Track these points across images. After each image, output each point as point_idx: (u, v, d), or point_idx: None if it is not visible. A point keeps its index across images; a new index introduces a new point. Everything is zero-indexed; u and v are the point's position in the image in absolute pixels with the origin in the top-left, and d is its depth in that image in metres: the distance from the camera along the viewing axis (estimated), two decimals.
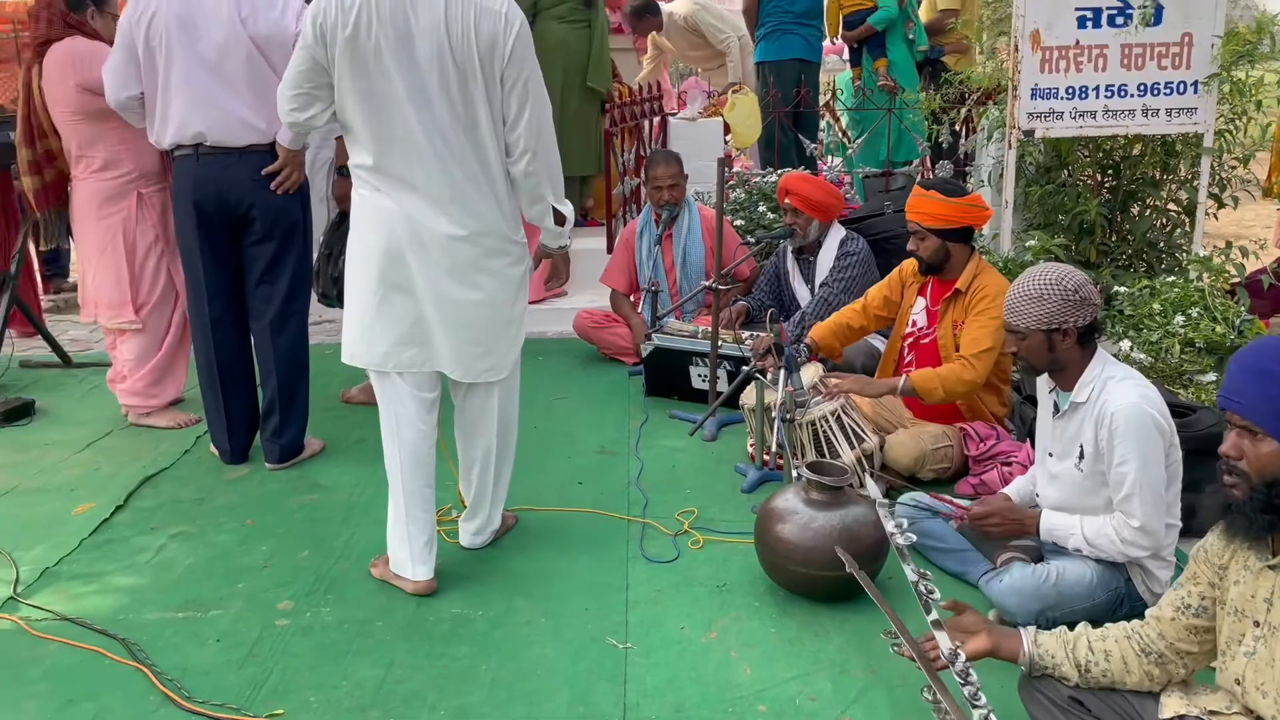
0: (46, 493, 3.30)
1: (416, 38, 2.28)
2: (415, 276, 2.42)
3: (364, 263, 2.44)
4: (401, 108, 2.31)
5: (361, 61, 2.29)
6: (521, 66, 2.37)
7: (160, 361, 3.82)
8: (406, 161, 2.35)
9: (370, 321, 2.45)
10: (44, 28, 3.51)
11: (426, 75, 2.30)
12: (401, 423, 2.52)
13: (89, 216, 3.67)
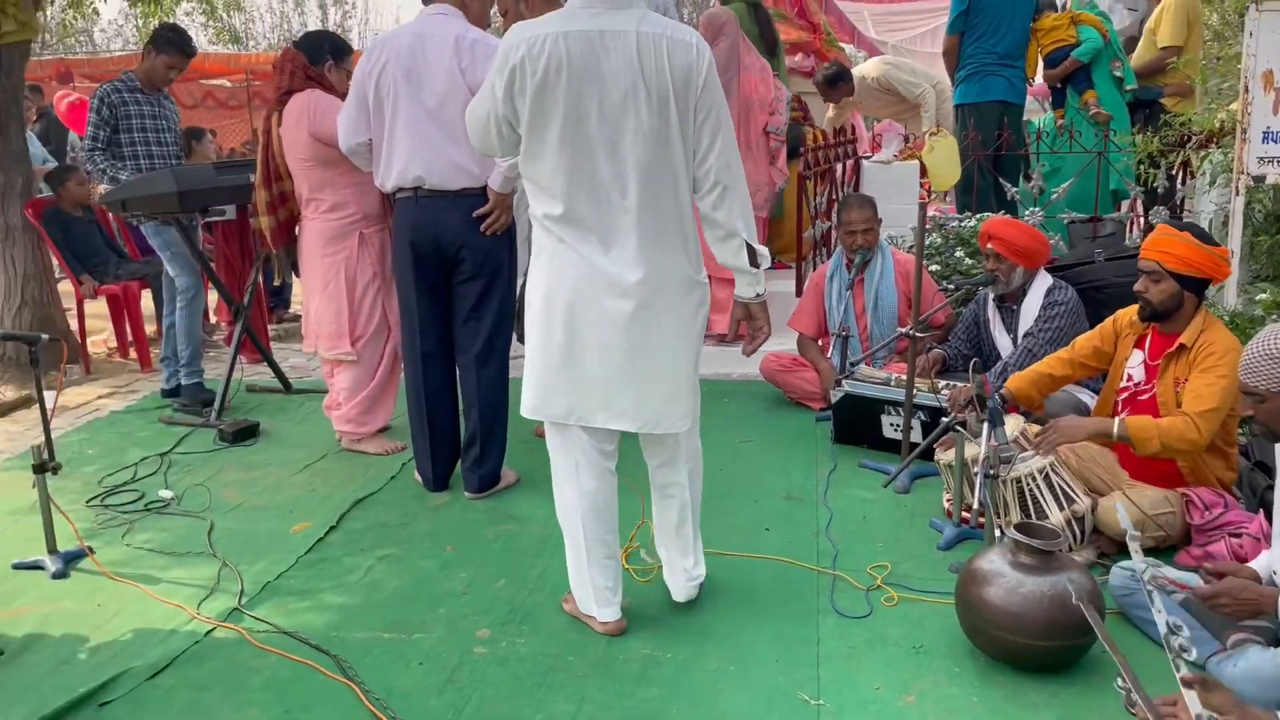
0: (269, 510, 3.54)
1: (608, 79, 2.25)
2: (600, 329, 2.37)
3: (546, 315, 2.42)
4: (594, 152, 2.29)
5: (553, 108, 2.27)
6: (713, 96, 2.34)
7: (372, 391, 4.05)
8: (595, 207, 2.32)
9: (553, 376, 2.43)
10: (286, 79, 3.83)
11: (620, 116, 2.27)
12: (582, 471, 2.51)
13: (315, 254, 3.95)
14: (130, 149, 4.65)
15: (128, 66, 15.59)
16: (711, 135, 2.36)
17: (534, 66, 2.24)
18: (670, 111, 2.29)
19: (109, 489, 3.74)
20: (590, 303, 2.36)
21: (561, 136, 2.28)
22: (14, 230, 5.29)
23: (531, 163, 2.36)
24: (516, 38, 2.28)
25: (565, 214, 2.34)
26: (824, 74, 6.82)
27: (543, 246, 2.43)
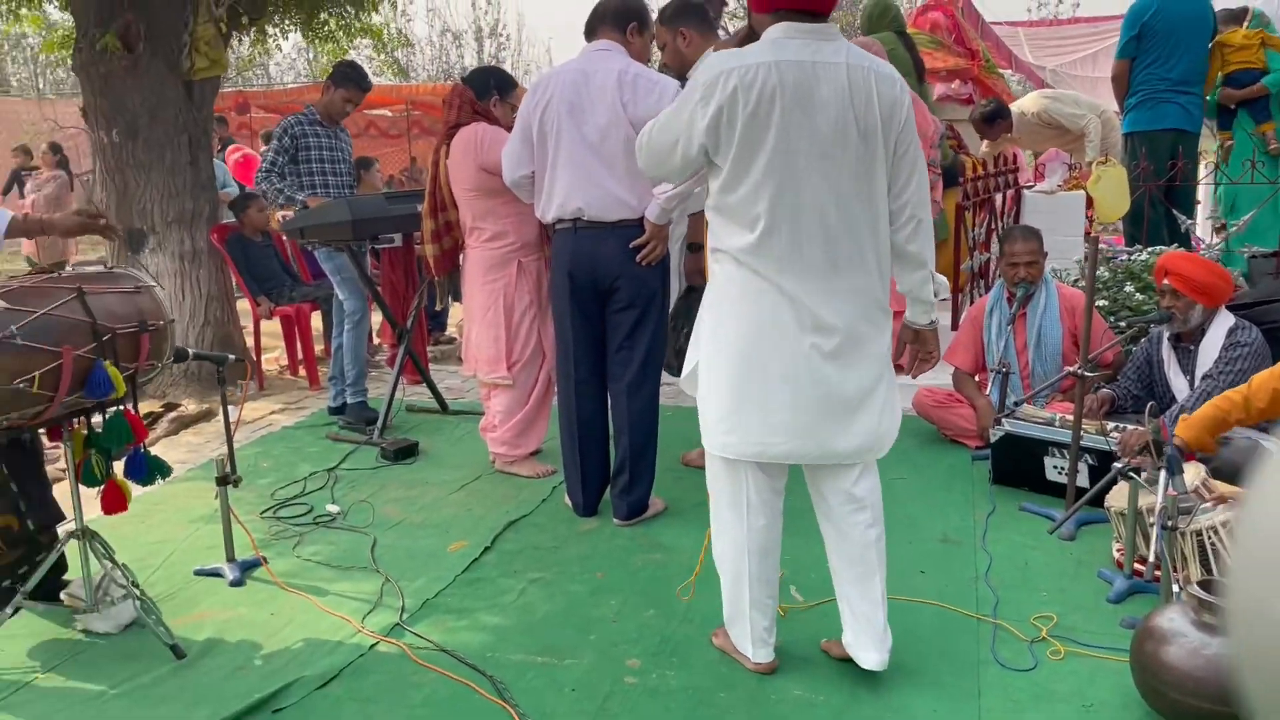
0: (427, 528, 3.67)
1: (820, 110, 2.22)
2: (796, 362, 2.31)
3: (736, 348, 2.35)
4: (801, 183, 2.25)
5: (763, 137, 2.22)
6: (911, 132, 2.34)
7: (526, 415, 4.15)
8: (797, 238, 2.27)
9: (745, 411, 2.36)
10: (455, 113, 3.99)
11: (829, 147, 2.24)
12: (753, 509, 2.47)
13: (476, 281, 4.09)
14: (309, 178, 4.93)
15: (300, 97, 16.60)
16: (909, 169, 2.35)
17: (747, 95, 2.20)
18: (876, 144, 2.27)
19: (280, 502, 3.95)
20: (787, 336, 2.31)
21: (769, 166, 2.24)
22: (200, 253, 5.68)
23: (729, 192, 2.30)
24: (723, 66, 2.24)
25: (764, 245, 2.29)
26: (981, 111, 6.64)
27: (731, 279, 2.36)
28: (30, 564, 2.85)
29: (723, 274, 2.39)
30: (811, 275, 2.29)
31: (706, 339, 2.45)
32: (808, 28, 2.26)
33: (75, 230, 2.95)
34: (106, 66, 5.30)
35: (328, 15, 6.33)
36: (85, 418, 2.80)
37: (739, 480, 2.47)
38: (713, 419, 2.43)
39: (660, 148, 2.42)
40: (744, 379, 2.36)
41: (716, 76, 2.24)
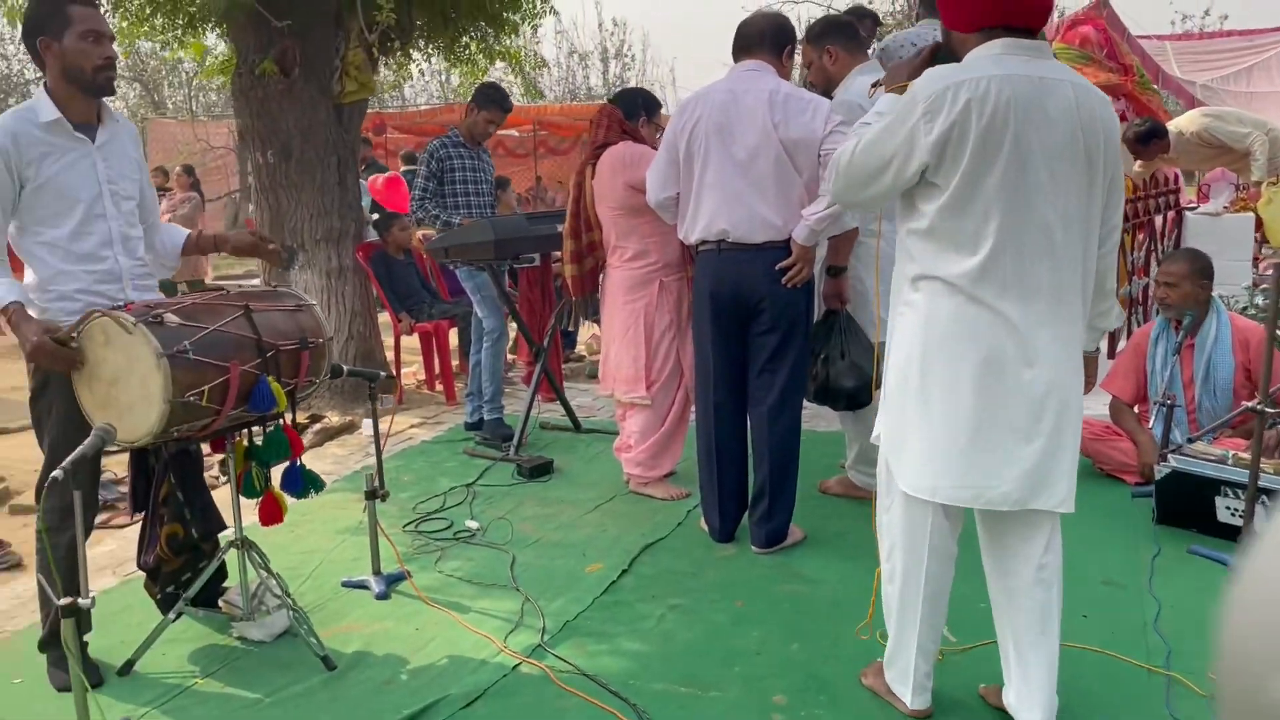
0: (564, 548, 3.67)
1: (1049, 127, 2.12)
2: (1013, 397, 2.17)
3: (950, 384, 2.20)
4: (1031, 201, 2.13)
5: (996, 154, 2.11)
6: (1118, 153, 2.23)
7: (661, 437, 4.12)
8: (1023, 261, 2.13)
9: (960, 453, 2.20)
10: (603, 133, 4.01)
11: (1059, 164, 2.13)
12: (932, 553, 2.35)
13: (617, 301, 4.09)
14: (452, 199, 5.04)
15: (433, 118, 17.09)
16: (1116, 193, 2.25)
17: (981, 109, 2.09)
18: (1098, 164, 2.17)
19: (422, 515, 4.01)
20: (1007, 371, 2.17)
21: (1001, 184, 2.12)
22: (346, 270, 5.86)
23: (952, 213, 2.16)
24: (948, 80, 2.13)
25: (990, 268, 2.15)
26: (1135, 130, 6.32)
27: (940, 308, 2.20)
28: (192, 571, 2.96)
29: (928, 304, 2.23)
30: (1036, 300, 2.15)
31: (906, 374, 2.27)
32: (1027, 44, 2.16)
33: (246, 249, 3.06)
34: (264, 90, 5.54)
35: (469, 39, 6.48)
36: (247, 431, 2.90)
37: (923, 524, 2.34)
38: (917, 460, 2.27)
39: (867, 169, 2.26)
40: (960, 417, 2.19)
41: (942, 90, 2.12)
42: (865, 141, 2.25)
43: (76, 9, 2.66)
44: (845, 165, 2.31)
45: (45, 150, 2.66)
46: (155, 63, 24.45)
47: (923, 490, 2.27)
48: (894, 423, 2.32)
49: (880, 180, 2.24)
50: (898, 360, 2.31)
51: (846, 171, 2.31)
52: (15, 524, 4.34)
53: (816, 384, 3.69)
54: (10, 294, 2.59)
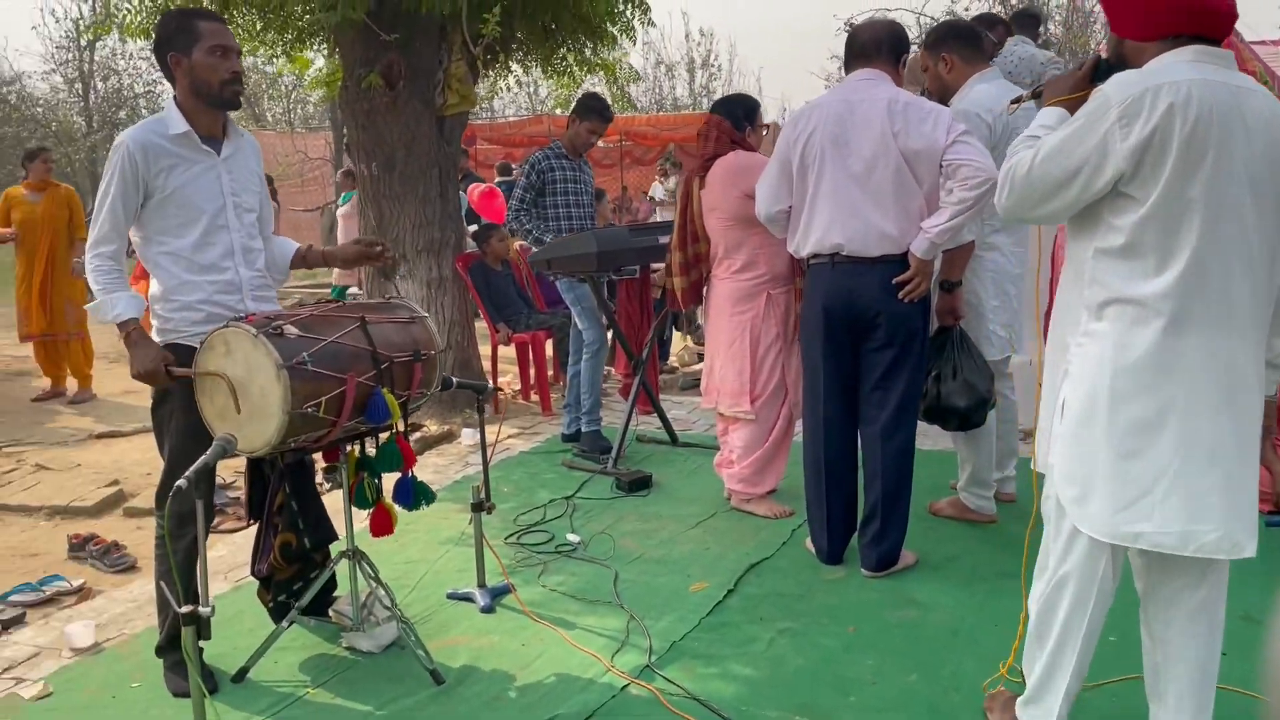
0: (665, 565, 3.61)
1: (1250, 136, 1.98)
2: (1223, 431, 2.00)
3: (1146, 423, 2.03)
4: (1232, 215, 1.99)
5: (1201, 163, 1.97)
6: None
7: (765, 452, 4.04)
8: (1224, 283, 2.00)
9: (1161, 496, 2.03)
10: (712, 145, 3.95)
11: (1260, 175, 2.00)
12: (1099, 599, 2.19)
13: (724, 313, 4.02)
14: (553, 210, 5.04)
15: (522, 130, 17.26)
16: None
17: (1185, 114, 1.95)
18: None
19: (523, 528, 4.00)
20: (1211, 401, 2.01)
21: (1204, 197, 1.98)
22: (445, 280, 5.91)
23: (1153, 229, 2.01)
24: (1146, 84, 1.99)
25: (1188, 291, 2.00)
26: None
27: (1129, 332, 2.05)
28: (304, 580, 2.99)
29: (1119, 334, 2.06)
30: (1237, 328, 2.02)
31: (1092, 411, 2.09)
32: (1217, 53, 2.04)
33: (354, 260, 3.09)
34: (369, 103, 5.63)
35: (567, 51, 6.50)
36: (360, 442, 2.91)
37: (1097, 568, 2.18)
38: (1109, 504, 2.09)
39: (1050, 180, 2.09)
40: (1163, 458, 2.03)
41: (1140, 94, 1.98)
42: (1047, 151, 2.08)
43: (205, 24, 2.71)
44: (1023, 177, 2.13)
45: (173, 162, 2.71)
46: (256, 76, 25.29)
47: (1118, 535, 2.09)
48: (1076, 463, 2.13)
49: (1065, 193, 2.08)
50: (1079, 396, 2.11)
51: (1025, 184, 2.13)
52: (129, 526, 4.46)
53: (927, 402, 3.57)
54: (129, 310, 2.65)
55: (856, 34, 3.40)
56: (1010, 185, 2.16)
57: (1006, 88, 3.56)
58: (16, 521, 4.56)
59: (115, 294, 2.65)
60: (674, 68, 33.48)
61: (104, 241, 2.69)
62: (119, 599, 3.50)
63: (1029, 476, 4.04)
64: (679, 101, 33.37)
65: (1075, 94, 2.17)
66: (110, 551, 4.01)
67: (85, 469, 5.20)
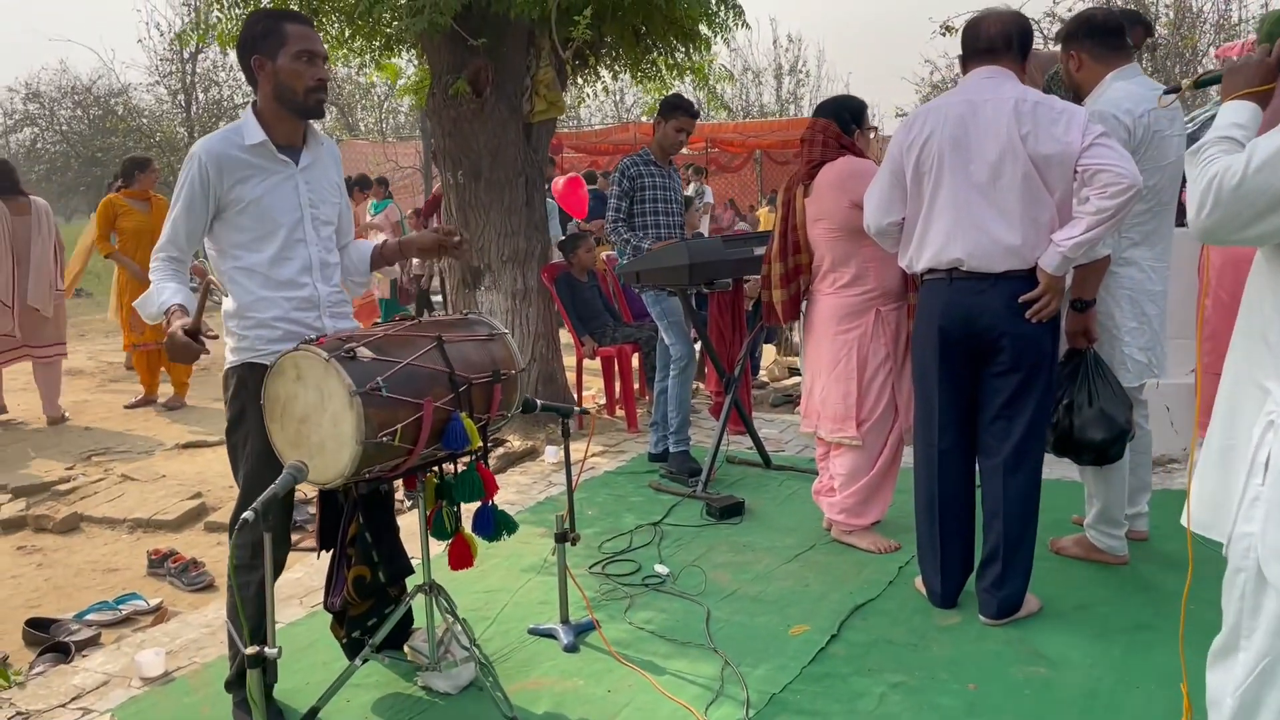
0: (762, 603, 3.34)
1: None
2: None
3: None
4: None
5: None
6: None
7: (871, 481, 3.74)
8: None
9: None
10: (819, 150, 3.68)
11: None
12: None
13: (827, 331, 3.74)
14: (642, 219, 4.83)
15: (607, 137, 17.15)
16: None
17: None
18: None
19: (608, 556, 3.78)
20: None
21: None
22: (531, 291, 5.75)
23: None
24: None
25: None
26: None
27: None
28: (378, 615, 2.81)
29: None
30: None
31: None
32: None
33: (430, 248, 2.89)
34: (456, 110, 5.50)
35: (657, 54, 6.29)
36: (438, 469, 2.72)
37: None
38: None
39: (1273, 192, 1.76)
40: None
41: None
42: (1266, 157, 1.74)
43: (292, 27, 2.56)
44: (1232, 190, 1.79)
45: (248, 173, 2.56)
46: (350, 86, 25.78)
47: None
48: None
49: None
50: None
51: (1234, 199, 1.80)
52: (209, 541, 4.38)
53: (1057, 434, 3.24)
54: (176, 296, 2.49)
55: (979, 27, 3.08)
56: (1215, 200, 1.80)
57: (1149, 86, 3.22)
58: (100, 534, 4.52)
59: (165, 284, 2.52)
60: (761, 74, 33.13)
61: (165, 249, 2.57)
62: (193, 623, 3.38)
63: (1163, 511, 3.68)
64: (765, 108, 32.98)
65: (1265, 85, 1.85)
66: (189, 569, 3.93)
67: (169, 480, 5.17)
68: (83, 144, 26.30)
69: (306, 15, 2.68)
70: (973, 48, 3.07)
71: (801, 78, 34.11)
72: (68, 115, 27.27)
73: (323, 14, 5.53)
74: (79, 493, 4.94)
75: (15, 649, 3.35)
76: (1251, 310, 1.89)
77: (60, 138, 27.11)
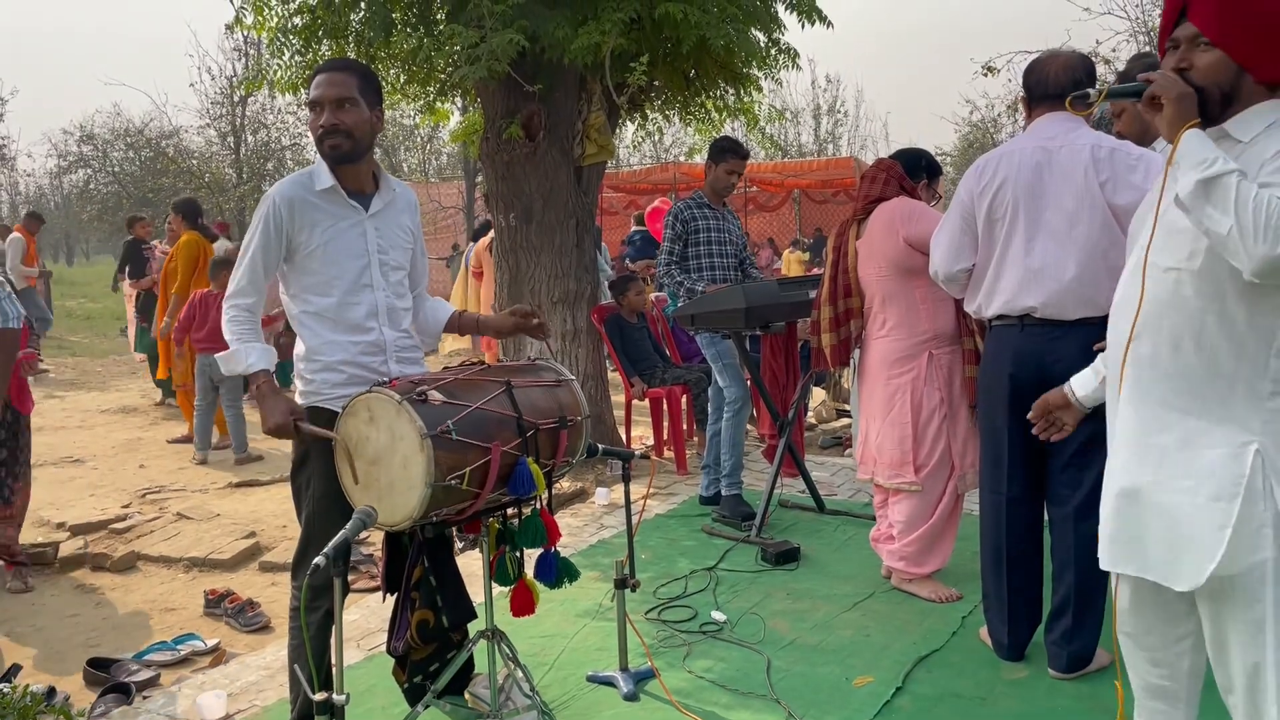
0: (824, 653, 3.28)
1: None
2: None
3: None
4: None
5: None
6: None
7: (931, 529, 3.68)
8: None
9: None
10: (880, 187, 3.67)
11: None
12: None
13: (880, 374, 3.71)
14: (695, 261, 4.84)
15: (647, 178, 17.25)
16: None
17: None
18: None
19: (664, 601, 3.74)
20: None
21: None
22: (580, 333, 5.76)
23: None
24: None
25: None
26: None
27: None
28: (440, 660, 2.79)
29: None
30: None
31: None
32: None
33: (509, 330, 2.92)
34: (509, 154, 5.56)
35: (706, 97, 6.33)
36: (502, 514, 2.72)
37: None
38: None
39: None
40: None
41: None
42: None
43: (316, 78, 2.62)
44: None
45: (318, 217, 2.60)
46: (394, 129, 26.19)
47: None
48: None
49: None
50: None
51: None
52: (264, 581, 4.40)
53: None
54: (262, 361, 2.54)
55: (1045, 71, 3.05)
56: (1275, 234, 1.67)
57: None
58: (157, 573, 4.55)
59: (249, 344, 2.55)
60: (800, 114, 33.30)
61: (241, 294, 2.59)
62: (252, 665, 3.38)
63: None
64: (804, 148, 33.12)
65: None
66: (245, 610, 3.94)
67: (224, 519, 5.20)
68: (134, 184, 26.91)
69: (355, 62, 2.72)
70: (1041, 92, 3.05)
71: (840, 117, 34.28)
72: (120, 156, 27.95)
73: (379, 61, 5.63)
74: (135, 531, 4.99)
75: (76, 689, 3.37)
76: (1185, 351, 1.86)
77: (112, 179, 27.77)
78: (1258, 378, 1.81)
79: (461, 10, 4.89)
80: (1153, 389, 1.92)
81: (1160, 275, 1.90)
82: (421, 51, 5.05)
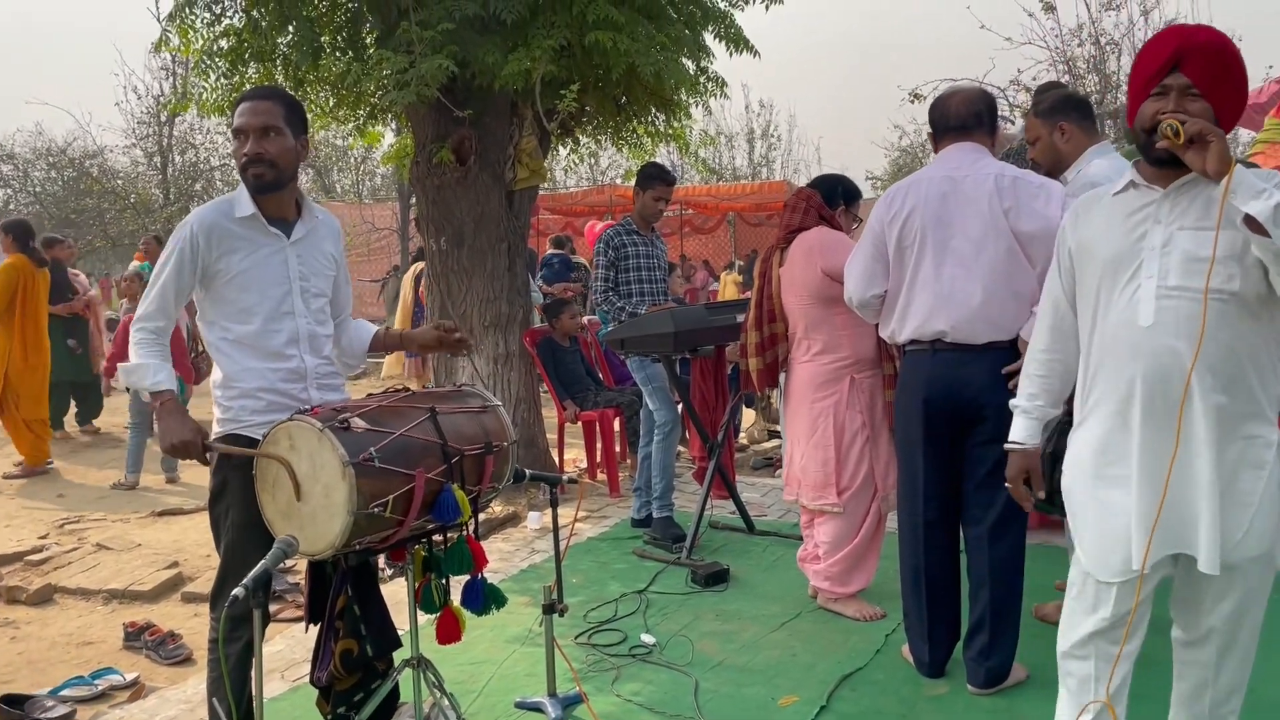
0: (750, 673, 3.33)
1: None
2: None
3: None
4: None
5: None
6: None
7: (855, 549, 3.76)
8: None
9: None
10: (799, 217, 3.76)
11: None
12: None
13: (804, 399, 3.78)
14: (626, 287, 4.89)
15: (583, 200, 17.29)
16: None
17: None
18: None
19: (594, 625, 3.75)
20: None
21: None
22: (512, 356, 5.77)
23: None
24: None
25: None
26: None
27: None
28: (365, 690, 2.76)
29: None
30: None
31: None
32: None
33: (432, 345, 2.93)
34: (440, 179, 5.56)
35: (637, 123, 6.41)
36: (427, 541, 2.71)
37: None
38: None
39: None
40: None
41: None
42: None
43: (239, 105, 2.62)
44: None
45: (237, 244, 2.59)
46: (326, 150, 25.91)
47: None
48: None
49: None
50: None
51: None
52: (187, 612, 4.31)
53: (1048, 487, 3.27)
54: (168, 382, 2.53)
55: (947, 106, 3.17)
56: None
57: (1123, 163, 3.32)
58: (74, 605, 4.43)
59: (154, 362, 2.53)
60: (733, 138, 33.66)
61: (150, 318, 2.57)
62: (172, 699, 3.31)
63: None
64: (738, 171, 33.48)
65: None
66: (166, 643, 3.86)
67: (145, 549, 5.09)
68: (56, 205, 26.17)
69: (292, 89, 2.72)
70: (944, 126, 3.17)
71: (773, 141, 34.73)
72: (41, 176, 27.17)
73: (308, 84, 5.60)
74: (52, 562, 4.85)
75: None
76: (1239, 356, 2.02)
77: (34, 199, 26.98)
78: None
79: (390, 35, 4.89)
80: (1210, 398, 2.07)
81: (1196, 297, 2.01)
82: (350, 75, 5.05)
